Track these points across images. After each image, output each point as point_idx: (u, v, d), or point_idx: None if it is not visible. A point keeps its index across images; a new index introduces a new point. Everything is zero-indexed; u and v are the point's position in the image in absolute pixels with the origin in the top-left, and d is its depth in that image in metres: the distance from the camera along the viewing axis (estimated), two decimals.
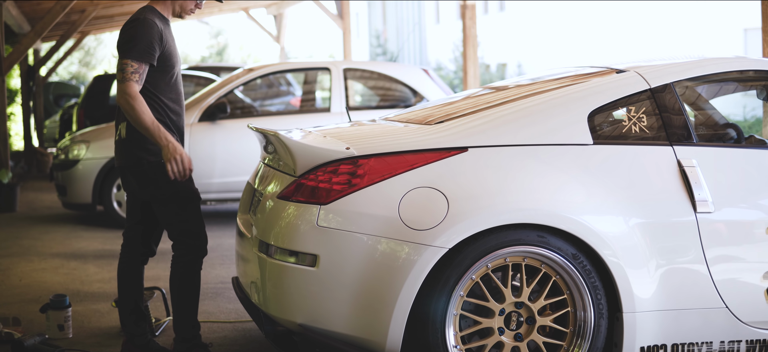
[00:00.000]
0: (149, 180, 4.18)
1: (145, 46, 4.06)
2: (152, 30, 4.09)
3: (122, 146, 4.22)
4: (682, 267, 3.78)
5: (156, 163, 4.15)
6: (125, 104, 4.03)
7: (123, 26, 4.18)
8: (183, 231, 4.20)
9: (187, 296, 4.23)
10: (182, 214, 4.19)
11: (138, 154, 4.15)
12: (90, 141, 9.18)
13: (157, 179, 4.16)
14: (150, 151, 4.15)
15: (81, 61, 39.76)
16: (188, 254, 4.22)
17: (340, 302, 3.61)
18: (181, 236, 4.21)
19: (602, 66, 4.39)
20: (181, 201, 4.18)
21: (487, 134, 3.81)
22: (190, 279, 4.22)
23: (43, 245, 8.03)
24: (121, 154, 4.24)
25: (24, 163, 16.34)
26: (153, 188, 4.18)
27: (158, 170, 4.14)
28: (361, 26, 42.61)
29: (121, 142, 4.22)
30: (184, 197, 4.18)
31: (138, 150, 4.15)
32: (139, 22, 4.09)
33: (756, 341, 3.88)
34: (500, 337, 3.71)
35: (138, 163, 4.16)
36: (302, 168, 3.78)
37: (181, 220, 4.19)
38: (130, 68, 4.05)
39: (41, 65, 18.35)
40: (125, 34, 4.11)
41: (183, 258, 4.22)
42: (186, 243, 4.21)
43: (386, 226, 3.59)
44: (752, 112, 18.42)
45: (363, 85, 10.56)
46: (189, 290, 4.22)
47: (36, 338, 4.63)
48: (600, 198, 3.73)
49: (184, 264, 4.21)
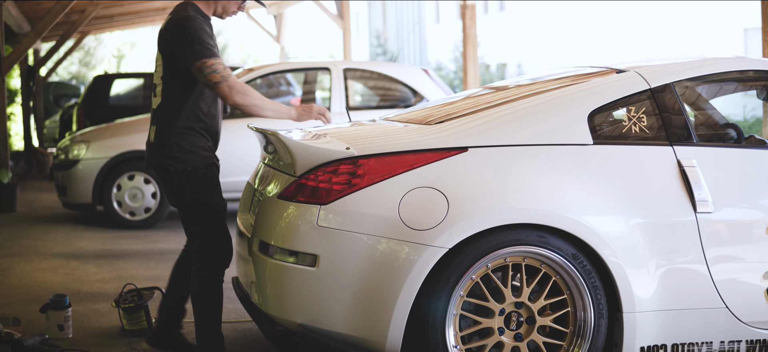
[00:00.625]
0: (174, 188, 4.03)
1: (207, 41, 3.91)
2: (204, 26, 3.96)
3: (151, 150, 4.10)
4: (682, 267, 3.78)
5: (182, 172, 3.99)
6: (241, 101, 3.91)
7: (172, 28, 3.96)
8: (205, 242, 4.05)
9: (208, 310, 4.04)
10: (206, 225, 4.05)
11: (165, 162, 4.02)
12: (90, 141, 9.18)
13: (182, 187, 4.01)
14: (176, 158, 3.99)
15: (81, 61, 39.75)
16: (209, 267, 4.05)
17: (340, 302, 3.61)
18: (202, 247, 4.06)
19: (602, 66, 4.38)
20: (206, 212, 4.04)
21: (487, 134, 3.81)
22: (211, 293, 4.05)
23: (43, 245, 8.03)
24: (150, 158, 4.11)
25: (24, 163, 16.34)
26: (178, 196, 4.05)
27: (183, 179, 4.00)
28: (361, 26, 42.60)
29: (150, 146, 4.11)
30: (209, 207, 4.04)
31: (165, 157, 4.01)
32: (191, 19, 3.93)
33: (756, 341, 3.88)
34: (500, 337, 3.71)
35: (165, 170, 4.03)
36: (302, 168, 3.78)
37: (204, 231, 4.05)
38: (218, 65, 3.89)
39: (41, 65, 18.35)
40: (183, 36, 3.92)
41: (203, 272, 4.05)
42: (207, 256, 4.05)
43: (386, 226, 3.59)
44: (752, 112, 18.42)
45: (363, 85, 10.56)
46: (210, 304, 4.04)
47: (36, 338, 4.63)
48: (600, 198, 3.73)
49: (205, 278, 4.04)
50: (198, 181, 4.01)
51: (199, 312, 4.06)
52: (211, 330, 4.06)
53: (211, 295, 4.05)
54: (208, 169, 4.05)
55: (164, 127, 4.03)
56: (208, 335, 4.05)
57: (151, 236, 8.54)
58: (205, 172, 4.03)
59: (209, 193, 4.03)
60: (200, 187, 4.01)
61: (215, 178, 4.07)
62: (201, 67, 3.91)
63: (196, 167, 4.01)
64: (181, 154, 4.00)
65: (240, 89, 3.92)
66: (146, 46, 43.23)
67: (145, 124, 9.44)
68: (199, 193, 4.01)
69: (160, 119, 4.06)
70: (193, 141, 4.02)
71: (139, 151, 9.03)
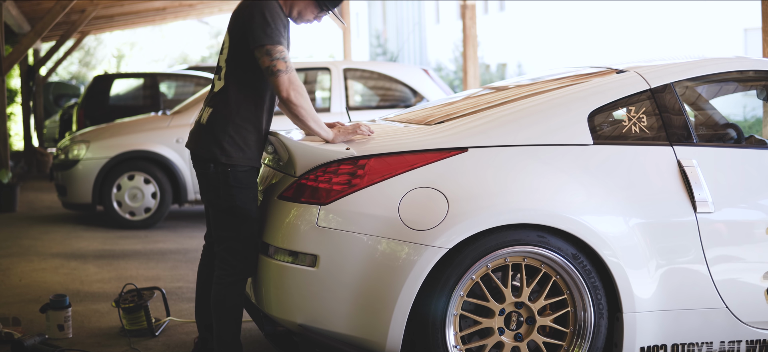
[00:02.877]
0: (211, 184, 3.86)
1: (281, 29, 3.77)
2: (281, 15, 3.80)
3: (200, 133, 3.90)
4: (682, 267, 3.78)
5: (223, 168, 3.81)
6: (295, 99, 3.75)
7: (250, 6, 3.78)
8: (231, 249, 3.87)
9: (229, 318, 3.90)
10: (236, 231, 3.86)
11: (211, 150, 3.82)
12: (90, 141, 9.18)
13: (218, 187, 3.84)
14: (224, 150, 3.81)
15: (81, 61, 39.74)
16: (232, 275, 3.88)
17: (340, 303, 3.61)
18: (228, 253, 3.88)
19: (602, 66, 4.38)
20: (238, 217, 3.85)
21: (488, 134, 3.81)
22: (232, 301, 3.89)
23: (43, 245, 8.03)
24: (195, 141, 3.92)
25: (24, 163, 16.34)
26: (213, 195, 3.87)
27: (222, 177, 3.82)
28: (361, 26, 42.60)
29: (200, 128, 3.91)
30: (241, 214, 3.84)
31: (212, 144, 3.82)
32: (271, 5, 3.77)
33: (756, 341, 3.88)
34: (500, 337, 3.71)
35: (207, 162, 3.84)
36: (302, 168, 3.78)
37: (232, 236, 3.86)
38: (286, 55, 3.72)
39: (41, 65, 18.35)
40: (259, 16, 3.73)
41: (227, 279, 3.88)
42: (231, 263, 3.87)
43: (386, 226, 3.59)
44: (752, 112, 18.42)
45: (363, 85, 10.56)
46: (229, 312, 3.90)
47: (36, 338, 4.63)
48: (600, 198, 3.73)
49: (228, 285, 3.88)
50: (236, 183, 3.83)
51: (218, 319, 3.93)
52: (230, 338, 3.93)
53: (231, 303, 3.90)
54: (250, 174, 3.88)
55: (222, 114, 3.85)
56: (227, 343, 3.93)
57: (151, 236, 8.54)
58: (246, 176, 3.86)
59: (245, 199, 3.85)
60: (238, 190, 3.83)
61: (254, 184, 3.90)
62: (269, 51, 3.73)
63: (237, 167, 3.83)
64: (230, 148, 3.82)
65: (297, 87, 3.75)
66: (146, 46, 43.24)
67: (145, 124, 9.44)
68: (235, 196, 3.83)
69: (217, 103, 3.88)
70: (246, 138, 3.86)
71: (140, 152, 9.03)
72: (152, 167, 9.05)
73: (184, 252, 7.60)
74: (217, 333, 3.94)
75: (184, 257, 7.35)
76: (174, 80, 14.53)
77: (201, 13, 20.93)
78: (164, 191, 9.05)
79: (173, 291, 5.99)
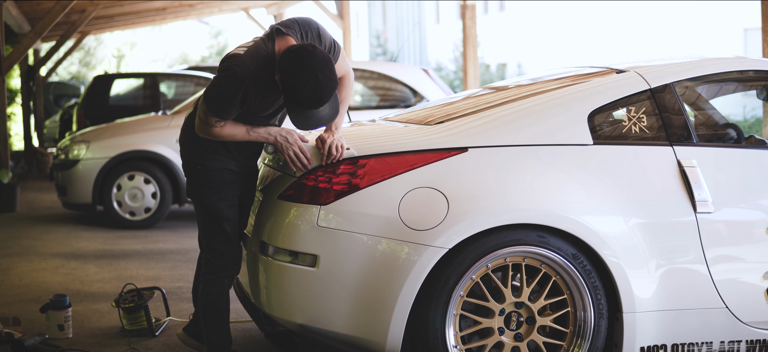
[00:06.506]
0: (191, 184, 4.00)
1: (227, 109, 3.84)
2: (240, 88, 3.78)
3: (182, 135, 4.06)
4: (682, 267, 3.78)
5: (194, 170, 3.95)
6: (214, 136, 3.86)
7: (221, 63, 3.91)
8: (209, 248, 3.99)
9: (211, 314, 3.98)
10: (207, 229, 3.98)
11: (188, 149, 4.00)
12: (90, 141, 9.18)
13: (194, 185, 3.99)
14: (198, 150, 3.95)
15: (81, 61, 39.73)
16: (212, 273, 3.98)
17: (340, 302, 3.61)
18: (207, 251, 4.01)
19: (602, 66, 4.38)
20: (206, 216, 3.97)
21: (488, 134, 3.81)
22: (213, 298, 3.97)
23: (43, 245, 8.03)
24: (182, 142, 4.08)
25: (24, 163, 16.34)
26: (191, 193, 4.02)
27: (195, 177, 3.97)
28: (361, 26, 42.59)
29: (182, 130, 4.07)
30: (209, 213, 3.95)
31: (190, 144, 3.99)
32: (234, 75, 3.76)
33: (756, 341, 3.88)
34: (500, 337, 3.71)
35: (187, 160, 4.01)
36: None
37: (209, 236, 3.98)
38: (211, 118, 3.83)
39: (41, 65, 18.35)
40: (216, 80, 3.84)
41: (207, 277, 3.99)
42: (210, 261, 3.99)
43: (386, 226, 3.59)
44: (752, 112, 18.42)
45: (363, 85, 10.56)
46: (213, 308, 3.97)
47: (36, 338, 4.63)
48: (600, 198, 3.73)
49: (207, 282, 3.99)
50: (207, 182, 3.92)
51: (204, 317, 4.02)
52: (216, 334, 4.00)
53: (213, 301, 3.97)
54: (223, 174, 3.93)
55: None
56: (213, 339, 4.01)
57: (151, 236, 8.54)
58: (218, 175, 3.92)
59: (217, 198, 3.93)
60: (207, 189, 3.93)
61: (229, 184, 3.94)
62: (207, 112, 3.78)
63: (209, 167, 3.91)
64: (203, 149, 3.91)
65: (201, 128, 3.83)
66: (146, 46, 43.22)
67: (145, 124, 9.45)
68: (204, 195, 3.93)
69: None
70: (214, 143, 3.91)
71: (139, 152, 9.03)
72: (152, 167, 9.05)
73: (184, 252, 7.60)
74: (205, 332, 4.03)
75: (184, 257, 7.35)
76: (174, 80, 14.53)
77: (201, 13, 20.92)
78: (164, 191, 9.06)
79: (173, 291, 5.99)
